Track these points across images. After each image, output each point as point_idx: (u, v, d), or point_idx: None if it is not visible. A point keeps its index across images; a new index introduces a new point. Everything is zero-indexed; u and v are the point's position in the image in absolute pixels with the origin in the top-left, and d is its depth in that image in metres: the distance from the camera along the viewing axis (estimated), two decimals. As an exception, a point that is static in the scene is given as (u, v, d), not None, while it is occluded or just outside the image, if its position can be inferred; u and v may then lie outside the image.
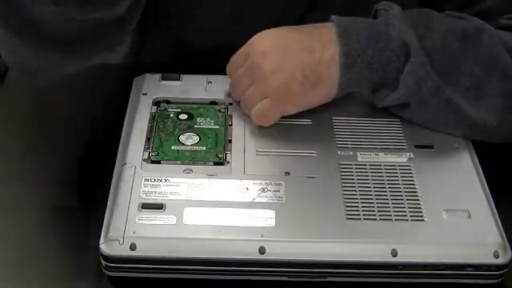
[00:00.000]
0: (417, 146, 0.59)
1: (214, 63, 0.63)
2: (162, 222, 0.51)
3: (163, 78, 0.64)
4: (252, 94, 0.59)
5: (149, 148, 0.57)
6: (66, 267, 0.53)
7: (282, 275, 0.51)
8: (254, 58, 0.58)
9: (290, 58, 0.58)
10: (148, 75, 0.65)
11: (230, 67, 0.62)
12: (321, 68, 0.57)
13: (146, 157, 0.56)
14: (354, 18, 0.59)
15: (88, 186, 0.59)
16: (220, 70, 0.63)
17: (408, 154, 0.58)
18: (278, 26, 0.60)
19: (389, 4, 0.59)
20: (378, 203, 0.53)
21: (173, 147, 0.57)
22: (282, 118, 0.60)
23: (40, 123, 0.67)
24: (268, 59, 0.58)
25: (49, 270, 0.53)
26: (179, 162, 0.56)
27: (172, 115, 0.61)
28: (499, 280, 0.52)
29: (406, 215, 0.53)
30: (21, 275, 0.52)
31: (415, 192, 0.54)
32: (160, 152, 0.57)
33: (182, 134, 0.59)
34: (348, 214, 0.52)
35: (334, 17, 0.59)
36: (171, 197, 0.53)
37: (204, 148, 0.57)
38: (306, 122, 0.61)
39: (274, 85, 0.58)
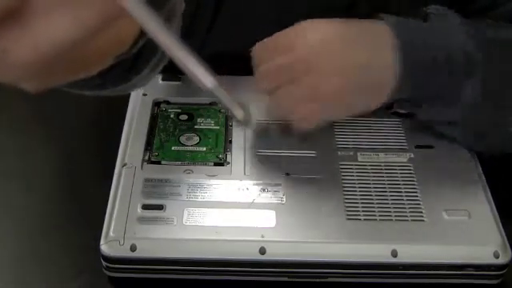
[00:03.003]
0: (417, 147, 0.59)
1: (214, 64, 0.63)
2: (162, 223, 0.51)
3: (163, 79, 0.64)
4: (295, 93, 0.52)
5: (149, 148, 0.57)
6: (66, 267, 0.53)
7: (283, 276, 0.51)
8: (304, 52, 0.52)
9: (348, 59, 0.52)
10: (148, 76, 0.65)
11: (261, 51, 0.54)
12: (376, 74, 0.53)
13: (146, 157, 0.56)
14: (413, 22, 0.55)
15: (88, 187, 0.59)
16: (220, 70, 0.63)
17: (408, 155, 0.58)
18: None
19: (440, 9, 0.55)
20: (378, 203, 0.53)
21: (173, 148, 0.57)
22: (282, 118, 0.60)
23: (40, 123, 0.67)
24: (324, 57, 0.52)
25: (49, 270, 0.53)
26: (179, 162, 0.56)
27: (172, 116, 0.61)
28: (499, 280, 0.52)
29: (406, 215, 0.53)
30: (21, 275, 0.53)
31: (415, 192, 0.54)
32: (160, 152, 0.57)
33: (183, 134, 0.59)
34: (348, 215, 0.52)
35: (390, 19, 0.54)
36: (171, 197, 0.53)
37: (204, 148, 0.57)
38: (306, 122, 0.61)
39: (328, 90, 0.52)
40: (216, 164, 0.56)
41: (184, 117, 0.61)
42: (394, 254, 0.50)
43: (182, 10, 0.45)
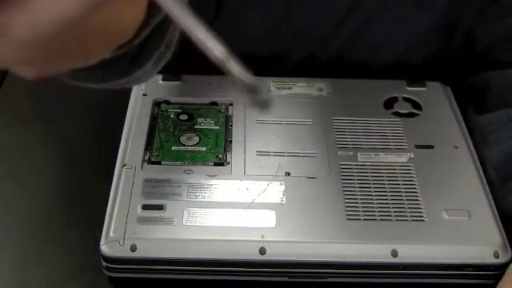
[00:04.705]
0: (417, 146, 0.59)
1: (214, 64, 0.63)
2: (162, 223, 0.51)
3: (163, 79, 0.64)
4: None
5: (149, 149, 0.57)
6: (66, 267, 0.53)
7: (283, 276, 0.51)
8: None
9: None
10: (148, 76, 0.65)
11: None
12: None
13: (146, 157, 0.56)
14: None
15: (88, 187, 0.59)
16: (220, 70, 0.63)
17: (408, 154, 0.58)
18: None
19: None
20: (377, 203, 0.53)
21: (173, 148, 0.57)
22: (281, 117, 0.60)
23: (40, 123, 0.67)
24: None
25: (49, 271, 0.53)
26: (179, 162, 0.56)
27: (172, 116, 0.61)
28: (499, 280, 0.52)
29: (406, 215, 0.53)
30: (21, 275, 0.53)
31: (415, 192, 0.54)
32: (160, 153, 0.57)
33: (183, 134, 0.59)
34: (348, 215, 0.52)
35: None
36: (171, 197, 0.53)
37: (204, 148, 0.57)
38: (306, 122, 0.61)
39: None
40: (216, 164, 0.56)
41: (184, 117, 0.61)
42: (394, 254, 0.50)
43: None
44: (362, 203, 0.53)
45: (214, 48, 0.25)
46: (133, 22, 0.31)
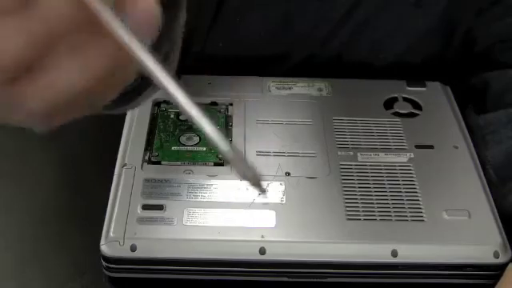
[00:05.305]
0: (417, 146, 0.59)
1: (214, 65, 0.63)
2: (162, 223, 0.51)
3: (163, 79, 0.64)
4: None
5: (149, 149, 0.57)
6: (66, 267, 0.53)
7: (283, 276, 0.51)
8: None
9: None
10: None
11: None
12: None
13: (146, 157, 0.56)
14: None
15: (88, 187, 0.59)
16: (220, 70, 0.63)
17: (408, 154, 0.58)
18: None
19: None
20: (377, 203, 0.53)
21: (173, 148, 0.57)
22: (281, 117, 0.61)
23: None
24: None
25: (49, 271, 0.53)
26: (179, 162, 0.56)
27: (172, 116, 0.61)
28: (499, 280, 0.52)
29: (406, 215, 0.53)
30: (21, 275, 0.53)
31: (415, 192, 0.54)
32: (160, 153, 0.57)
33: (183, 134, 0.59)
34: (348, 215, 0.52)
35: None
36: (171, 197, 0.53)
37: (204, 149, 0.57)
38: (306, 122, 0.61)
39: None
40: (216, 164, 0.56)
41: (184, 117, 0.61)
42: (394, 254, 0.50)
43: (184, 21, 0.45)
44: (362, 203, 0.53)
45: (222, 146, 0.27)
46: (137, 67, 0.31)
